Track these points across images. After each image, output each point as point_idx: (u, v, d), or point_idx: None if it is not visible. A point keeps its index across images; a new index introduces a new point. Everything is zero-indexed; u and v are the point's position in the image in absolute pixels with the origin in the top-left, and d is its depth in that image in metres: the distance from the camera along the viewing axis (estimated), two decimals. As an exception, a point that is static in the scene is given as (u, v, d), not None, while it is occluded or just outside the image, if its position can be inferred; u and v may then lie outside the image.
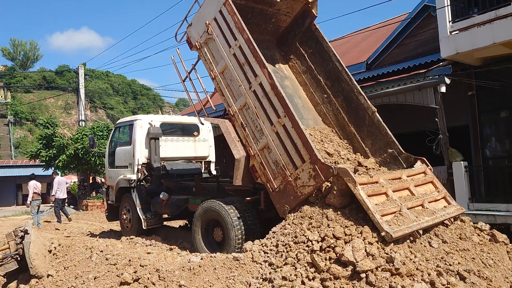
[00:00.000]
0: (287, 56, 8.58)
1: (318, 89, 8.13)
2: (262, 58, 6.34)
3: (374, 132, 7.38)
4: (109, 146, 10.65)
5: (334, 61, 7.90)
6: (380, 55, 12.69)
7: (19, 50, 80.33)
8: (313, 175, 5.71)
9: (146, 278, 5.09)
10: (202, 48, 7.36)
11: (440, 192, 6.43)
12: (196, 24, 7.45)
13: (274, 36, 8.58)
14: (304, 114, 7.87)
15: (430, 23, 11.54)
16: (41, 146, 22.92)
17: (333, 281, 4.29)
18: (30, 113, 65.71)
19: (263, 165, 6.48)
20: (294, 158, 6.02)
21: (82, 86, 25.59)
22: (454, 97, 10.02)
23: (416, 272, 4.33)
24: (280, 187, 6.20)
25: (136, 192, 9.20)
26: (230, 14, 6.72)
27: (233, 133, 7.06)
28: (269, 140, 6.34)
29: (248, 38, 6.51)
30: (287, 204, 6.05)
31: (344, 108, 7.78)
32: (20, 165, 39.82)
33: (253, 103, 6.53)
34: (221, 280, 4.86)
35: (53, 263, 6.56)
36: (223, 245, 6.82)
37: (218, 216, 6.91)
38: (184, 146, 10.09)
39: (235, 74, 6.79)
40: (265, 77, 6.28)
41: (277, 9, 8.02)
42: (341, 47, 16.43)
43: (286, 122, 6.07)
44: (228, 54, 6.84)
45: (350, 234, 4.78)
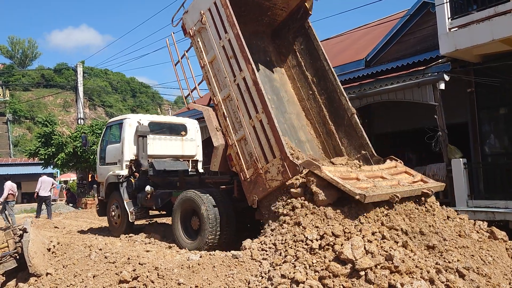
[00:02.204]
0: (279, 49, 8.83)
1: (305, 85, 8.45)
2: (248, 54, 6.56)
3: (351, 133, 7.76)
4: (101, 144, 10.95)
5: (322, 60, 8.20)
6: (379, 52, 12.67)
7: (18, 48, 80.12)
8: (281, 171, 6.01)
9: (145, 276, 5.09)
10: (195, 36, 7.56)
11: (415, 176, 6.74)
12: (192, 12, 7.61)
13: (269, 28, 8.81)
14: (288, 108, 8.21)
15: (429, 20, 11.53)
16: (40, 144, 22.87)
17: (332, 279, 4.28)
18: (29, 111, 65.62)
19: (238, 155, 6.79)
20: (266, 152, 6.31)
21: (80, 84, 25.51)
22: (453, 94, 10.01)
23: (415, 270, 4.32)
24: (251, 177, 6.51)
25: (124, 187, 9.47)
26: (223, 7, 6.89)
27: (215, 122, 7.29)
28: (246, 133, 6.64)
29: (237, 33, 6.70)
30: (256, 194, 6.39)
31: (326, 106, 8.13)
32: (19, 163, 39.83)
33: (236, 96, 6.80)
34: (220, 278, 4.85)
35: (52, 262, 6.56)
36: (199, 232, 7.07)
37: (195, 205, 7.16)
38: (172, 144, 10.38)
39: (222, 65, 7.01)
40: (249, 73, 6.52)
41: (273, 3, 8.25)
42: (340, 44, 16.41)
43: (263, 118, 6.34)
44: (218, 45, 7.05)
45: (349, 232, 4.78)
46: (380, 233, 4.73)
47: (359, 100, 11.19)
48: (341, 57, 14.51)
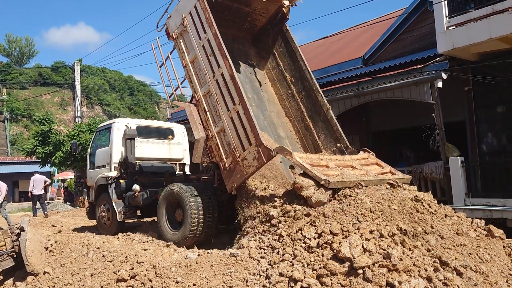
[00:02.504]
0: (260, 52, 9.39)
1: (284, 85, 9.00)
2: (225, 51, 7.05)
3: (327, 128, 8.29)
4: (90, 149, 11.37)
5: (300, 61, 8.72)
6: (376, 51, 12.68)
7: (15, 46, 79.82)
8: (256, 157, 6.48)
9: (143, 274, 5.08)
10: (177, 39, 8.12)
11: (384, 168, 7.16)
12: (174, 16, 8.16)
13: (250, 33, 9.37)
14: (268, 106, 8.75)
15: (427, 18, 11.53)
16: (37, 142, 22.81)
17: (330, 277, 4.28)
18: (26, 109, 65.40)
19: (218, 146, 7.28)
20: (243, 141, 6.78)
21: (78, 82, 25.47)
22: (451, 92, 10.03)
23: (413, 268, 4.32)
24: (230, 166, 6.99)
25: (112, 188, 9.76)
26: (202, 9, 7.42)
27: (196, 117, 7.76)
28: (225, 125, 7.13)
29: (215, 33, 7.20)
30: (234, 181, 6.86)
31: (304, 104, 8.66)
32: (16, 162, 39.75)
33: (215, 91, 7.29)
34: (218, 276, 4.84)
35: (49, 260, 6.54)
36: (183, 223, 7.46)
37: (179, 197, 7.60)
38: (159, 148, 10.78)
39: (203, 64, 7.53)
40: (226, 68, 7.00)
41: (252, 8, 8.74)
42: (338, 43, 16.41)
43: (239, 109, 6.79)
44: (198, 45, 7.59)
45: (347, 230, 4.78)
46: (378, 232, 4.73)
47: (357, 98, 11.21)
48: (339, 56, 14.52)
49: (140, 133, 10.31)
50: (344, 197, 5.45)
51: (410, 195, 6.06)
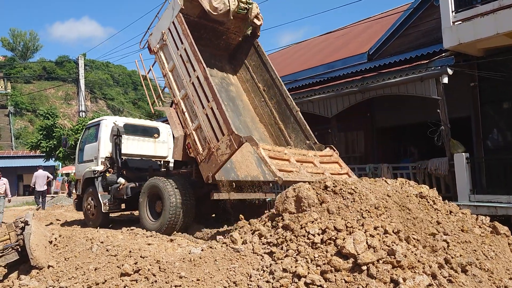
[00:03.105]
0: (236, 68, 10.44)
1: (257, 94, 9.90)
2: (199, 56, 7.96)
3: (297, 128, 9.04)
4: (79, 144, 12.02)
5: (271, 72, 9.60)
6: (381, 46, 12.60)
7: (19, 41, 79.96)
8: (229, 145, 7.16)
9: (147, 269, 5.08)
10: (158, 52, 9.18)
11: (343, 168, 7.92)
12: (155, 33, 9.30)
13: (227, 51, 10.47)
14: (243, 113, 9.61)
15: (433, 13, 11.44)
16: (41, 137, 22.91)
17: (334, 274, 4.27)
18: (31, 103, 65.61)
19: (195, 142, 8.08)
20: (217, 132, 7.49)
21: (82, 76, 25.52)
22: (456, 88, 9.95)
23: (417, 265, 4.30)
24: (206, 157, 7.72)
25: (99, 181, 10.34)
26: (179, 24, 8.48)
27: (175, 118, 8.63)
28: (200, 121, 7.93)
29: (190, 42, 8.18)
30: (210, 171, 7.57)
31: (276, 109, 9.51)
32: (20, 156, 39.94)
33: (192, 93, 8.15)
34: (221, 271, 4.84)
35: (53, 254, 6.56)
36: (162, 213, 8.10)
37: (158, 189, 8.28)
38: (145, 145, 11.41)
39: (180, 71, 8.47)
40: (200, 71, 7.90)
41: (226, 28, 9.74)
42: (342, 38, 16.33)
43: (213, 105, 7.58)
44: (176, 55, 8.56)
45: (352, 226, 4.76)
46: (383, 228, 4.71)
47: (362, 94, 11.14)
48: (343, 51, 14.46)
49: (127, 130, 10.96)
50: (349, 193, 5.42)
51: (415, 192, 6.03)
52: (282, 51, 21.66)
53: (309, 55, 17.14)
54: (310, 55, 16.94)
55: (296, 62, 17.14)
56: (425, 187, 6.61)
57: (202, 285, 4.67)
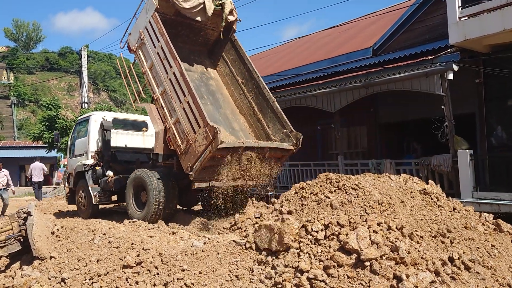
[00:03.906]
0: (215, 62, 10.73)
1: (237, 87, 10.19)
2: (175, 53, 8.29)
3: (274, 117, 9.38)
4: (71, 139, 12.49)
5: (248, 64, 9.89)
6: (386, 41, 12.51)
7: (22, 31, 79.78)
8: (205, 136, 7.54)
9: (149, 261, 5.08)
10: (137, 51, 9.53)
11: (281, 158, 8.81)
12: (134, 33, 9.64)
13: (205, 47, 10.76)
14: (223, 105, 9.91)
15: (439, 8, 11.34)
16: (44, 128, 22.91)
17: (337, 269, 4.26)
18: (33, 94, 65.60)
19: (175, 135, 8.43)
20: (194, 125, 7.86)
21: (85, 68, 25.49)
22: (461, 85, 9.88)
23: (420, 261, 4.29)
24: (185, 149, 8.08)
25: (89, 174, 10.71)
26: (155, 23, 8.80)
27: (155, 113, 9.00)
28: (178, 115, 8.29)
29: (166, 40, 8.52)
30: (189, 162, 7.93)
31: (254, 101, 9.80)
32: (23, 147, 40.00)
33: (169, 88, 8.49)
34: (224, 265, 4.84)
35: (55, 245, 6.57)
36: (147, 203, 8.53)
37: (143, 181, 8.69)
38: (133, 139, 11.75)
39: (158, 68, 8.82)
40: (176, 67, 8.25)
41: (203, 24, 9.93)
42: (347, 32, 16.23)
43: (189, 99, 7.95)
44: (154, 53, 8.91)
45: (355, 222, 4.74)
46: (386, 224, 4.69)
47: (365, 89, 11.08)
48: (347, 45, 14.36)
49: (116, 125, 11.31)
50: (352, 189, 5.40)
51: (419, 188, 6.01)
52: (286, 44, 21.55)
53: (313, 49, 17.04)
54: (314, 49, 16.84)
55: (299, 56, 17.05)
56: (431, 183, 6.59)
57: (205, 278, 4.67)
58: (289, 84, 13.99)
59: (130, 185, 9.17)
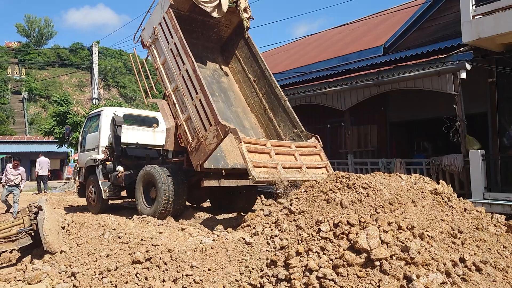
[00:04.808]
0: (228, 59, 10.75)
1: (248, 85, 10.22)
2: (188, 50, 8.26)
3: (285, 117, 9.39)
4: (82, 133, 12.51)
5: (260, 63, 9.92)
6: (398, 39, 12.41)
7: (34, 27, 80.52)
8: (216, 134, 7.54)
9: (158, 257, 5.11)
10: (150, 47, 9.54)
11: (323, 161, 8.30)
12: (147, 28, 9.64)
13: (218, 43, 10.79)
14: (234, 103, 9.96)
15: (452, 6, 11.22)
16: (55, 123, 23.10)
17: (346, 268, 4.23)
18: (44, 90, 66.17)
19: (186, 132, 8.43)
20: (205, 123, 7.85)
21: (95, 64, 25.62)
22: (473, 84, 9.77)
23: (431, 262, 4.24)
24: (195, 146, 8.08)
25: (99, 169, 10.77)
26: (169, 19, 8.78)
27: (167, 109, 9.00)
28: (190, 112, 8.27)
29: (180, 36, 8.47)
30: (199, 159, 7.96)
31: (265, 99, 9.85)
32: (34, 141, 40.38)
33: (181, 85, 8.47)
34: (233, 262, 4.84)
35: (66, 240, 6.63)
36: (156, 200, 8.52)
37: (153, 177, 8.66)
38: (144, 134, 11.73)
39: (171, 64, 8.80)
40: (189, 64, 8.21)
41: (217, 20, 9.95)
42: (358, 30, 16.13)
43: (201, 97, 7.93)
44: (167, 49, 8.90)
45: (365, 221, 4.71)
46: (397, 224, 4.65)
47: (376, 87, 11.01)
48: (358, 43, 14.27)
49: (127, 120, 11.39)
50: (363, 188, 5.37)
51: (430, 188, 5.95)
52: (296, 42, 21.49)
53: (323, 47, 16.96)
54: (324, 47, 16.76)
55: (310, 54, 16.98)
56: (442, 183, 6.52)
57: (213, 275, 4.67)
58: (299, 82, 13.96)
59: (140, 181, 9.17)
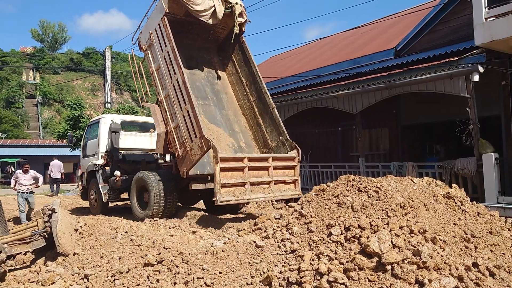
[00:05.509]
0: (223, 60, 10.92)
1: (241, 88, 10.42)
2: (179, 62, 8.51)
3: (272, 123, 9.63)
4: (83, 140, 13.06)
5: (253, 68, 10.07)
6: (410, 42, 12.33)
7: (48, 32, 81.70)
8: (200, 146, 7.92)
9: (170, 260, 5.14)
10: (147, 51, 9.78)
11: (294, 177, 8.75)
12: (144, 32, 9.86)
13: (215, 44, 10.96)
14: (226, 106, 10.21)
15: (464, 8, 11.11)
16: (68, 127, 23.34)
17: (357, 272, 4.21)
18: (58, 94, 67.03)
19: (174, 139, 8.79)
20: (191, 134, 8.19)
21: (108, 68, 25.88)
22: (486, 86, 9.66)
23: (444, 266, 4.21)
24: (182, 155, 8.49)
25: (99, 173, 11.28)
26: (164, 27, 8.97)
27: (159, 115, 9.32)
28: (178, 121, 8.60)
29: (172, 46, 8.68)
30: (185, 167, 8.39)
31: (256, 104, 10.04)
32: (48, 145, 40.84)
33: (172, 94, 8.75)
34: (244, 265, 4.85)
35: (79, 242, 6.71)
36: (148, 203, 8.96)
37: (145, 182, 9.13)
38: (141, 140, 12.21)
39: (164, 72, 9.03)
40: (180, 75, 8.49)
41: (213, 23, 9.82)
42: (369, 33, 16.07)
43: (188, 109, 8.24)
44: (161, 56, 9.12)
45: (376, 225, 4.69)
46: (408, 228, 4.62)
47: (388, 90, 10.95)
48: (370, 46, 14.21)
49: (124, 127, 11.82)
50: (374, 191, 5.35)
51: (442, 192, 5.90)
52: (307, 45, 21.48)
53: (334, 50, 16.93)
54: (336, 50, 16.73)
55: (321, 57, 16.96)
56: (455, 187, 6.46)
57: (224, 278, 4.69)
58: (310, 85, 13.93)
59: (133, 186, 9.62)
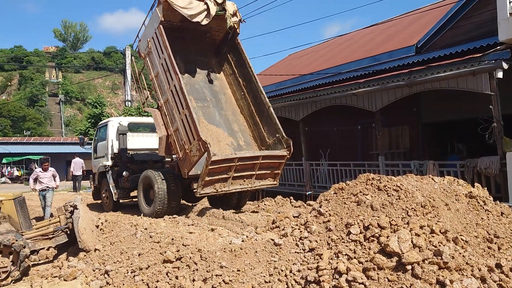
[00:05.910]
0: (221, 62, 11.30)
1: (238, 88, 10.80)
2: (176, 68, 8.91)
3: (268, 122, 10.02)
4: (94, 142, 13.69)
5: (248, 68, 10.46)
6: (431, 38, 12.10)
7: (70, 32, 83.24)
8: (198, 148, 8.40)
9: (188, 257, 5.18)
10: (146, 58, 10.19)
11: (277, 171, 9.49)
12: (143, 40, 10.26)
13: (212, 46, 11.28)
14: (224, 106, 10.60)
15: (488, 4, 10.86)
16: (89, 124, 23.78)
17: (377, 271, 4.17)
18: (80, 92, 68.26)
19: (175, 142, 9.27)
20: (190, 137, 8.65)
21: (128, 67, 26.17)
22: (510, 83, 9.42)
23: (465, 267, 4.13)
24: (183, 156, 9.01)
25: (109, 174, 11.86)
26: (160, 35, 9.34)
27: (160, 119, 9.77)
28: (177, 125, 9.05)
29: (168, 54, 9.06)
30: (186, 168, 8.95)
31: (253, 103, 10.41)
32: (70, 143, 41.66)
33: (171, 99, 9.17)
34: (262, 263, 4.85)
35: (100, 238, 6.82)
36: (153, 200, 9.40)
37: (150, 180, 9.60)
38: (148, 140, 12.61)
39: (162, 78, 9.46)
40: (177, 82, 8.90)
41: (209, 27, 10.36)
42: (389, 30, 15.85)
43: (186, 113, 8.69)
44: (159, 63, 9.52)
45: (396, 224, 4.63)
46: (429, 227, 4.55)
47: (408, 88, 10.76)
48: (390, 43, 14.01)
49: (131, 128, 12.37)
50: (394, 190, 5.28)
51: (464, 191, 5.79)
52: (326, 43, 21.32)
53: (354, 47, 16.75)
54: (355, 48, 16.55)
55: (340, 54, 16.81)
56: (477, 186, 6.33)
57: (243, 275, 4.70)
58: (329, 83, 13.82)
59: (140, 185, 10.12)
